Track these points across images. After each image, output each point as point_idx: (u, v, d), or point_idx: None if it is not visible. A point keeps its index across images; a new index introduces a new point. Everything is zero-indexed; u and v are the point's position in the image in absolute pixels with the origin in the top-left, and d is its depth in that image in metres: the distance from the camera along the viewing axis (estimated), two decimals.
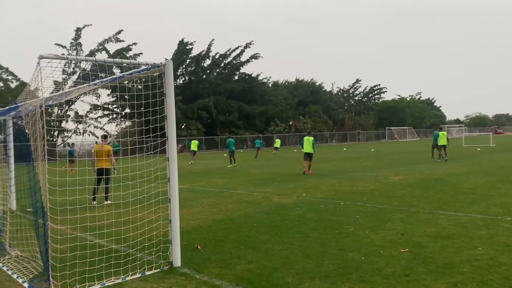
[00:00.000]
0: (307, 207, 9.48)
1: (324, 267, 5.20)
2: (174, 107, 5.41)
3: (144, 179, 5.78)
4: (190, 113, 56.09)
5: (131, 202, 6.29)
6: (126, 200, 6.41)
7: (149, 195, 5.88)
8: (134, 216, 6.70)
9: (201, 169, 23.30)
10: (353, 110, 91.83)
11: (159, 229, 6.22)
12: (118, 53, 52.69)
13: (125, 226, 6.36)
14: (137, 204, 6.33)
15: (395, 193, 11.06)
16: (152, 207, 6.35)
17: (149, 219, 6.33)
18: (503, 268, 4.89)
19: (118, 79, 5.90)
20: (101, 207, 6.49)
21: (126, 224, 6.34)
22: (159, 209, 6.36)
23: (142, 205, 6.43)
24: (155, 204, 6.34)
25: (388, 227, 7.22)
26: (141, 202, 6.46)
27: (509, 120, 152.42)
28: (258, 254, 5.86)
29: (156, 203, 6.28)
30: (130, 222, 6.25)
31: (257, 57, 63.76)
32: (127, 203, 6.52)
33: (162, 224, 6.18)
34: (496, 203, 9.05)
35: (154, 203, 6.25)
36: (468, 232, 6.62)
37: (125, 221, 6.47)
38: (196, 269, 5.33)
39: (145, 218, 6.27)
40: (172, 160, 5.41)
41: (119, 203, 6.72)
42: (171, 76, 5.38)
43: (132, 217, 6.50)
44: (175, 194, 5.44)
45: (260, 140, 38.40)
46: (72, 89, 6.33)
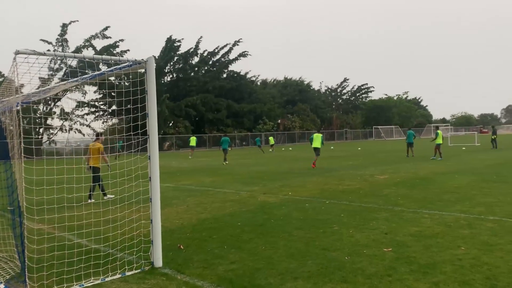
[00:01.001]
0: (293, 206, 9.45)
1: (307, 267, 5.16)
2: (156, 104, 5.31)
3: (124, 178, 5.67)
4: (178, 110, 55.74)
5: (111, 201, 6.16)
6: (99, 200, 6.26)
7: (130, 194, 5.78)
8: (114, 215, 6.56)
9: (189, 167, 23.16)
10: (341, 109, 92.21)
11: (140, 229, 6.12)
12: (105, 49, 52.07)
13: (105, 226, 6.24)
14: (118, 203, 6.21)
15: (381, 191, 11.08)
16: (133, 207, 6.24)
17: (129, 218, 6.23)
18: (485, 267, 4.90)
19: (99, 76, 5.77)
20: (79, 207, 6.35)
21: (107, 223, 6.22)
22: (140, 208, 6.26)
23: (122, 205, 6.32)
24: (136, 204, 6.24)
25: (372, 226, 7.22)
26: (122, 202, 6.35)
27: (494, 120, 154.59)
28: (241, 254, 5.80)
29: (137, 202, 6.18)
30: (110, 222, 6.14)
31: (245, 55, 63.58)
32: (107, 202, 6.38)
33: (143, 223, 6.08)
34: (480, 202, 9.11)
35: (135, 202, 6.15)
36: (451, 232, 6.64)
37: (106, 221, 6.35)
38: (177, 269, 5.25)
39: (125, 218, 6.16)
40: (154, 159, 5.31)
41: (99, 202, 6.57)
42: (153, 73, 5.28)
43: (112, 216, 6.38)
44: (157, 194, 5.34)
45: (259, 138, 41.21)
46: (51, 86, 6.18)
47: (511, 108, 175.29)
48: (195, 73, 61.60)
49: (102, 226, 6.18)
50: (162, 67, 57.52)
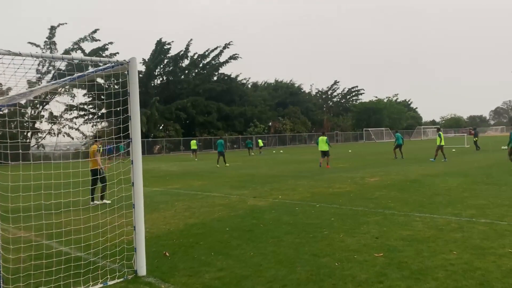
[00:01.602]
0: (283, 210, 9.29)
1: (296, 274, 5.00)
2: (138, 107, 5.13)
3: (106, 184, 5.46)
4: (168, 113, 55.39)
5: (93, 207, 5.94)
6: (86, 205, 6.05)
7: (112, 200, 5.57)
8: (96, 222, 6.28)
9: (178, 170, 22.92)
10: (331, 112, 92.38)
11: (123, 236, 5.91)
12: (94, 52, 51.62)
13: (87, 233, 6.00)
14: (99, 209, 5.98)
15: (371, 194, 10.97)
16: (115, 213, 6.03)
17: (112, 225, 6.01)
18: (478, 273, 4.78)
19: (80, 78, 5.56)
20: (58, 214, 6.12)
21: (88, 230, 5.99)
22: (123, 214, 6.05)
23: (104, 211, 6.09)
24: (119, 210, 6.04)
25: (363, 230, 7.08)
26: (104, 208, 6.12)
27: (483, 122, 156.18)
28: (228, 261, 5.62)
29: (120, 208, 5.97)
30: (92, 229, 5.91)
31: (236, 58, 63.44)
32: (88, 209, 6.16)
33: (125, 230, 5.86)
34: (471, 204, 9.03)
35: (118, 208, 5.94)
36: (443, 235, 6.53)
37: (87, 228, 6.11)
38: (162, 278, 5.06)
39: (108, 225, 5.94)
40: (137, 163, 5.12)
41: (79, 209, 6.35)
42: (135, 74, 5.10)
43: (93, 223, 6.12)
44: (140, 199, 5.15)
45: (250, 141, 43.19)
46: (32, 89, 5.96)
47: (500, 110, 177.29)
48: (185, 76, 61.34)
49: (84, 233, 5.94)
50: (152, 70, 57.23)
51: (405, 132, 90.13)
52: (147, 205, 10.69)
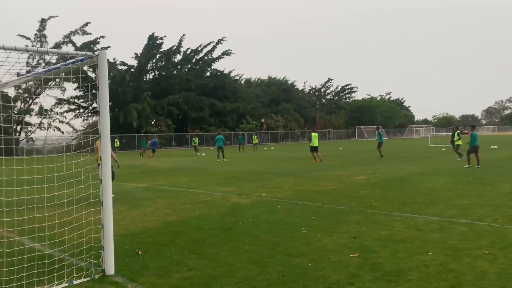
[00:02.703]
0: (264, 208, 9.19)
1: (268, 274, 4.89)
2: (108, 101, 4.98)
3: (72, 180, 5.31)
4: (160, 109, 55.11)
5: (59, 204, 5.78)
6: (51, 203, 5.89)
7: (79, 197, 5.42)
8: (61, 220, 6.11)
9: (167, 166, 22.73)
10: (324, 109, 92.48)
11: (94, 234, 5.75)
12: (85, 46, 51.17)
13: (53, 231, 5.83)
14: (65, 207, 5.81)
15: (356, 193, 10.89)
16: (82, 210, 5.87)
17: (78, 223, 5.86)
18: (451, 275, 4.70)
19: (52, 71, 5.40)
20: (31, 210, 5.96)
21: (58, 227, 5.83)
22: (97, 211, 5.89)
23: (70, 208, 5.92)
24: (86, 207, 5.89)
25: (342, 229, 6.99)
26: (70, 205, 5.94)
27: (475, 121, 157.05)
28: (201, 260, 5.50)
29: (91, 205, 5.83)
30: (57, 227, 5.75)
31: (229, 54, 63.25)
32: (53, 206, 5.99)
33: (95, 229, 5.70)
34: (454, 204, 8.98)
35: (85, 205, 5.79)
36: (421, 236, 6.45)
37: (57, 225, 5.94)
38: (130, 277, 4.93)
39: (74, 222, 5.78)
40: (105, 159, 4.98)
41: (43, 206, 6.18)
42: (105, 67, 4.94)
43: (58, 221, 5.95)
44: (108, 196, 5.01)
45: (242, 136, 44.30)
46: (2, 83, 5.79)
47: (492, 109, 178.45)
48: (178, 71, 61.04)
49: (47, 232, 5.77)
50: (144, 64, 56.87)
51: (397, 131, 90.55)
52: (129, 201, 10.63)
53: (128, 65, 56.25)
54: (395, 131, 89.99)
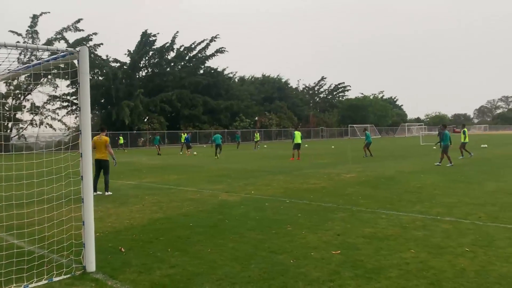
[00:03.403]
0: (252, 205, 9.18)
1: (249, 271, 4.90)
2: (89, 98, 4.94)
3: (53, 177, 5.27)
4: (153, 106, 54.88)
5: (38, 201, 5.74)
6: (31, 199, 5.84)
7: (59, 194, 5.39)
8: (41, 217, 6.03)
9: (158, 164, 22.66)
10: (318, 107, 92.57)
11: (77, 230, 5.72)
12: (77, 42, 50.73)
13: (31, 228, 5.77)
14: (45, 204, 5.76)
15: (344, 191, 10.93)
16: (63, 207, 5.83)
17: (58, 220, 5.82)
18: (431, 272, 4.73)
19: (32, 67, 5.35)
20: (9, 206, 5.91)
21: (34, 225, 5.78)
22: (78, 208, 5.85)
23: (50, 205, 5.87)
24: (66, 204, 5.85)
25: (327, 226, 7.01)
26: (50, 202, 5.89)
27: (467, 120, 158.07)
28: (184, 258, 5.49)
29: (75, 202, 5.78)
30: (36, 224, 5.70)
31: (222, 51, 63.05)
32: (32, 203, 5.95)
33: (74, 225, 5.67)
34: (440, 202, 9.04)
35: (66, 202, 5.75)
36: (405, 233, 6.49)
37: (32, 222, 5.89)
38: (111, 274, 4.91)
39: (54, 219, 5.74)
40: (86, 156, 4.95)
41: (22, 202, 6.14)
42: (86, 64, 4.90)
43: (38, 218, 5.89)
44: (89, 193, 4.98)
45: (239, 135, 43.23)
46: None
47: (484, 108, 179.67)
48: (171, 68, 60.75)
49: (26, 229, 5.74)
50: (137, 61, 56.53)
51: (389, 129, 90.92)
52: (116, 198, 10.59)
53: (120, 62, 55.96)
54: (387, 130, 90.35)
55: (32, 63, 5.06)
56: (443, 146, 17.68)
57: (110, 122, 48.36)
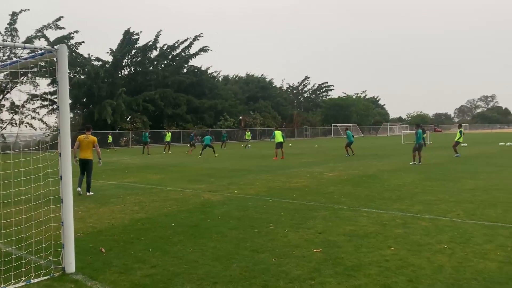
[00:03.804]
0: (235, 205, 9.18)
1: (231, 270, 4.90)
2: (68, 97, 4.88)
3: (31, 177, 5.18)
4: (136, 105, 54.30)
5: (14, 202, 5.64)
6: (8, 200, 5.74)
7: (37, 194, 5.30)
8: (18, 217, 5.93)
9: (140, 163, 22.47)
10: (301, 107, 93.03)
11: (55, 231, 5.64)
12: (58, 41, 49.86)
13: (8, 229, 5.68)
14: (22, 204, 5.67)
15: (326, 189, 11.01)
16: (41, 208, 5.74)
17: (37, 221, 5.73)
18: (410, 269, 4.81)
19: (9, 66, 5.25)
20: None
21: (11, 226, 5.69)
22: (56, 209, 5.77)
23: (28, 206, 5.79)
24: (45, 204, 5.76)
25: (309, 225, 7.06)
26: (28, 202, 5.80)
27: (448, 119, 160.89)
28: (165, 258, 5.47)
29: (47, 203, 5.70)
30: (13, 225, 5.61)
31: (206, 50, 62.77)
32: (9, 203, 5.85)
33: (53, 226, 5.59)
34: (420, 200, 9.18)
35: (44, 203, 5.66)
36: (385, 231, 6.57)
37: (10, 223, 5.79)
38: (91, 275, 4.85)
39: (32, 220, 5.65)
40: (65, 156, 4.88)
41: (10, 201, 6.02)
42: (65, 62, 4.83)
43: (15, 219, 5.79)
44: (69, 193, 4.91)
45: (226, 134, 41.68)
46: None
47: (464, 108, 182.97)
48: (154, 67, 60.22)
49: (3, 230, 5.64)
50: (119, 60, 55.87)
51: (372, 128, 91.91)
52: (97, 199, 10.47)
53: (103, 60, 55.22)
54: (370, 129, 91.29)
55: (9, 61, 4.95)
56: (418, 145, 18.05)
57: (92, 122, 47.67)
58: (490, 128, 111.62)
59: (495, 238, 6.02)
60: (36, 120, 51.17)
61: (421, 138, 18.34)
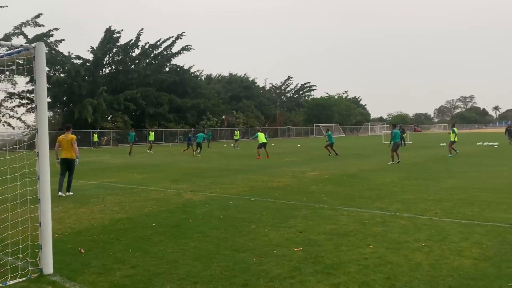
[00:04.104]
0: (216, 204, 9.17)
1: (211, 270, 4.90)
2: (46, 95, 4.81)
3: (7, 177, 5.08)
4: (117, 104, 53.59)
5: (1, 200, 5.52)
6: None
7: (14, 194, 5.21)
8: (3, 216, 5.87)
9: (122, 163, 22.22)
10: (284, 107, 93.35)
11: (32, 232, 5.54)
12: (38, 38, 48.96)
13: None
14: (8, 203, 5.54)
15: (307, 188, 11.09)
16: (17, 208, 5.65)
17: (13, 221, 5.62)
18: (388, 267, 4.89)
19: None
20: None
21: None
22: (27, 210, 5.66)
23: (4, 206, 5.66)
24: (22, 205, 5.66)
25: (290, 224, 7.10)
26: (4, 203, 5.68)
27: (427, 119, 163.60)
28: (145, 258, 5.43)
29: (24, 203, 5.59)
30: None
31: (188, 49, 62.34)
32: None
33: (31, 227, 5.49)
34: (399, 199, 9.32)
35: (21, 203, 5.57)
36: (365, 229, 6.66)
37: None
38: (69, 276, 4.79)
39: (8, 221, 5.54)
40: (43, 155, 4.80)
41: None
42: (43, 60, 4.76)
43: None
44: (47, 193, 4.84)
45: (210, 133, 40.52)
46: None
47: (443, 108, 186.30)
48: (135, 66, 59.60)
49: None
50: (100, 58, 55.11)
51: (353, 128, 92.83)
52: (77, 199, 10.33)
53: (83, 59, 54.40)
54: (351, 129, 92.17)
55: None
56: (395, 144, 18.38)
57: (72, 121, 46.89)
58: (468, 128, 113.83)
59: (471, 236, 6.16)
60: (14, 119, 50.22)
61: (398, 137, 18.66)
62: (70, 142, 10.95)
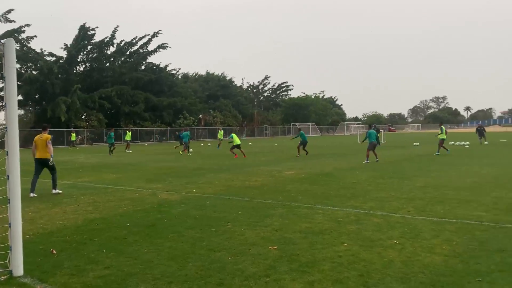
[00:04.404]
0: (192, 204, 9.13)
1: (186, 270, 4.88)
2: (16, 93, 4.69)
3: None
4: (91, 102, 52.61)
5: None
6: None
7: None
8: None
9: (96, 162, 21.85)
10: (262, 106, 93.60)
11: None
12: (9, 34, 47.59)
13: None
14: None
15: (284, 187, 11.16)
16: None
17: None
18: (361, 264, 4.97)
19: None
20: None
21: None
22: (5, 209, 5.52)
23: None
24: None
25: (266, 223, 7.14)
26: None
27: (401, 119, 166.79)
28: (119, 258, 5.36)
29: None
30: None
31: (165, 47, 61.77)
32: None
33: (0, 227, 5.35)
34: (373, 197, 9.48)
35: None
36: (339, 227, 6.75)
37: None
38: (40, 278, 4.69)
39: None
40: (13, 154, 4.68)
41: None
42: (12, 57, 4.64)
43: None
44: (17, 193, 4.72)
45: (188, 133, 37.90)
46: None
47: (417, 108, 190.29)
48: (110, 64, 58.66)
49: None
50: (74, 56, 54.00)
51: (329, 128, 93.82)
52: (49, 199, 10.11)
53: (56, 56, 53.18)
54: (327, 129, 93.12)
55: None
56: (370, 144, 18.75)
57: (45, 119, 45.78)
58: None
59: (442, 233, 6.32)
60: None
61: (374, 137, 19.02)
62: (45, 141, 10.72)
